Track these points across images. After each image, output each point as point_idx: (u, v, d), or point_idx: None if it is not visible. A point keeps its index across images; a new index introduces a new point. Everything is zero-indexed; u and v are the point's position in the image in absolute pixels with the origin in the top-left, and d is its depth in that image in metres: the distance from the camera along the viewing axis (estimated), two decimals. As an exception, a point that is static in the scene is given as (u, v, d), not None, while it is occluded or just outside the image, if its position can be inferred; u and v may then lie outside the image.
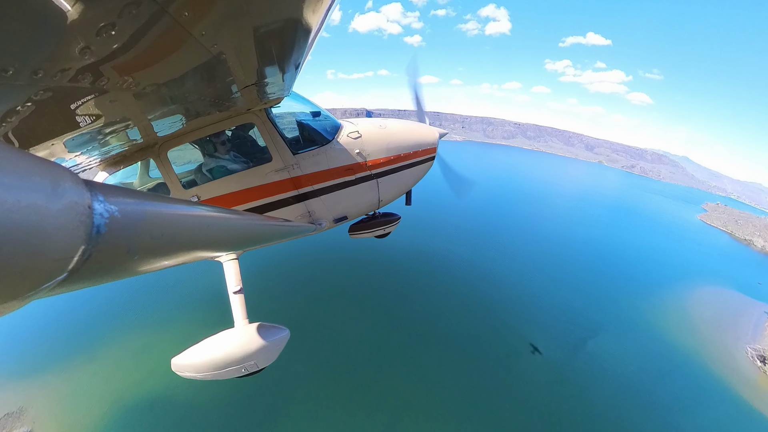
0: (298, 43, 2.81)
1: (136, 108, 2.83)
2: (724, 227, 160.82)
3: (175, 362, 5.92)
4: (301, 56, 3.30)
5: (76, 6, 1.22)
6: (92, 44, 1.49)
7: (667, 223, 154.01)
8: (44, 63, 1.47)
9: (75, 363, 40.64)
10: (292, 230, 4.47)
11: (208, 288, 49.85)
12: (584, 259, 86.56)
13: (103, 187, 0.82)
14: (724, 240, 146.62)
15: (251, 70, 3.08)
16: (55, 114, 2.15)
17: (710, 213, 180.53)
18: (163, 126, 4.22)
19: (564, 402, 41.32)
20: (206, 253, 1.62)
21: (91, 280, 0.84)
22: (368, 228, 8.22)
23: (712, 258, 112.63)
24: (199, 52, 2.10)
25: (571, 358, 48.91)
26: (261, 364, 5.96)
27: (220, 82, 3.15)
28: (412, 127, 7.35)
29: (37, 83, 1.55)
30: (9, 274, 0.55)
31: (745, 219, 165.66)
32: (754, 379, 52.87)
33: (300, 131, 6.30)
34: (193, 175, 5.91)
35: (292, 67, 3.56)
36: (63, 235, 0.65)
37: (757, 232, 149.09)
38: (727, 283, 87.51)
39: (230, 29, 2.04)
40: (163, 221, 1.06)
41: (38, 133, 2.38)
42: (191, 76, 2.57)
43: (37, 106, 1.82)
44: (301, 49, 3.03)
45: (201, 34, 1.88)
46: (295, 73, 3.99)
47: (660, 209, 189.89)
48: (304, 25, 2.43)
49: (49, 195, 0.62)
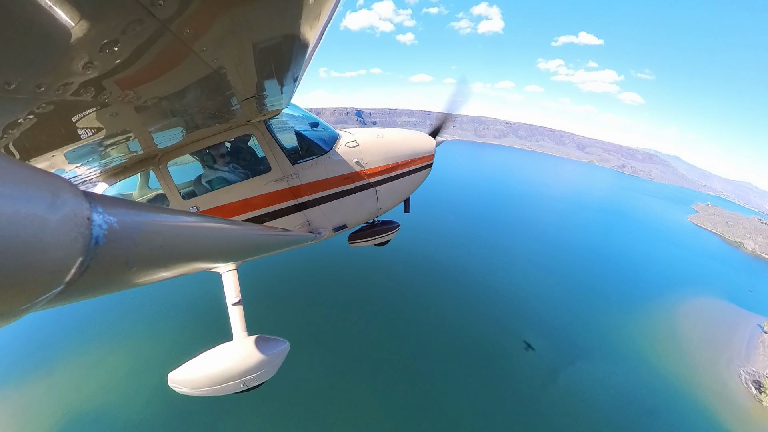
0: (296, 57, 2.86)
1: (137, 121, 2.85)
2: (714, 229, 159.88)
3: (171, 377, 5.79)
4: (299, 70, 3.35)
5: (80, 23, 1.25)
6: (95, 60, 1.52)
7: (656, 225, 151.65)
8: (47, 77, 1.49)
9: (35, 376, 40.89)
10: (291, 240, 4.45)
11: (185, 299, 49.69)
12: (568, 271, 79.07)
13: (102, 198, 0.82)
14: (715, 242, 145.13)
15: (251, 83, 3.12)
16: (57, 126, 2.17)
17: (701, 214, 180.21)
18: (163, 138, 4.25)
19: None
20: (206, 264, 1.61)
21: (89, 293, 0.83)
22: (368, 236, 8.20)
23: (702, 263, 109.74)
24: (199, 66, 2.14)
25: (547, 390, 44.55)
26: (261, 379, 5.84)
27: (220, 95, 3.20)
28: (409, 135, 7.42)
29: (39, 97, 1.57)
30: (5, 286, 0.54)
31: (735, 220, 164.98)
32: (746, 410, 48.96)
33: (298, 142, 6.35)
34: (193, 185, 5.92)
35: (291, 80, 3.61)
36: (61, 247, 0.64)
37: (747, 234, 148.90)
38: (719, 292, 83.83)
39: (230, 45, 2.08)
40: (162, 232, 1.05)
41: (39, 145, 2.40)
42: (192, 89, 2.60)
43: (38, 118, 1.83)
44: (299, 63, 3.08)
45: (202, 50, 1.91)
46: (294, 86, 4.05)
47: (649, 211, 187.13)
48: (302, 41, 2.47)
49: (48, 206, 0.62)
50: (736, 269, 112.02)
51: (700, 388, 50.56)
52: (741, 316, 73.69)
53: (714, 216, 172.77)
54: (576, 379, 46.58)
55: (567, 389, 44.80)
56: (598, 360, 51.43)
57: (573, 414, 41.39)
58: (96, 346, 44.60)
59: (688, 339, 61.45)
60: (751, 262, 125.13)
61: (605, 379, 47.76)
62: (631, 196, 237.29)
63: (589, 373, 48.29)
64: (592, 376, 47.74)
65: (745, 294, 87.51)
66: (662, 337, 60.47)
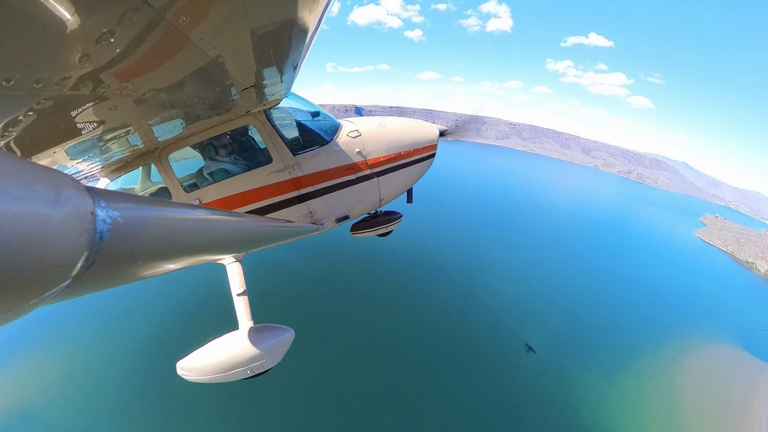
0: (295, 44, 2.81)
1: (136, 114, 2.84)
2: (724, 247, 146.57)
3: (180, 366, 5.94)
4: (299, 57, 3.30)
5: (75, 15, 1.23)
6: (92, 52, 1.50)
7: (660, 244, 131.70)
8: (45, 72, 1.48)
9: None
10: (294, 231, 4.48)
11: (188, 291, 49.76)
12: (555, 312, 61.48)
13: (105, 193, 0.83)
14: (724, 262, 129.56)
15: (250, 72, 3.08)
16: (57, 122, 2.16)
17: (709, 228, 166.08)
18: (163, 131, 4.24)
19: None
20: (209, 256, 1.63)
21: (95, 287, 0.85)
22: (370, 227, 8.22)
23: (710, 292, 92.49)
24: (197, 56, 2.11)
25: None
26: (267, 365, 5.99)
27: (219, 85, 3.16)
28: (412, 124, 7.33)
29: (38, 93, 1.56)
30: (13, 282, 0.55)
31: (746, 237, 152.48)
32: None
33: (300, 132, 6.30)
34: (195, 178, 5.93)
35: (290, 68, 3.56)
36: (66, 242, 0.65)
37: (760, 253, 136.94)
38: (730, 333, 68.36)
39: (228, 32, 2.05)
40: (165, 225, 1.06)
41: (40, 142, 2.40)
42: (190, 80, 2.58)
43: (38, 115, 1.83)
44: (299, 50, 3.03)
45: (199, 38, 1.88)
46: (294, 74, 3.99)
47: (653, 224, 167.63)
48: (301, 26, 2.43)
49: (51, 202, 0.63)
50: (749, 299, 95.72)
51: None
52: (758, 371, 57.42)
53: (723, 231, 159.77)
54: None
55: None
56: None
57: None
58: (95, 342, 44.97)
59: (691, 412, 46.49)
60: (763, 287, 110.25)
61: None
62: (635, 206, 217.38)
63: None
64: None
65: (760, 335, 72.80)
66: (657, 414, 45.05)
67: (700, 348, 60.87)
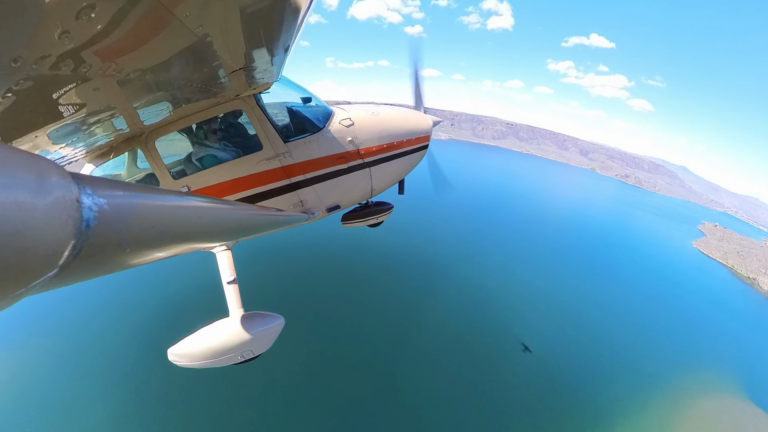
0: (286, 23, 2.73)
1: (120, 95, 2.74)
2: (724, 260, 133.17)
3: (171, 352, 5.96)
4: (290, 38, 3.21)
5: None
6: (72, 28, 1.43)
7: (655, 258, 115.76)
8: (22, 50, 1.41)
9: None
10: (284, 220, 4.46)
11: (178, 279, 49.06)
12: (514, 362, 46.10)
13: (91, 180, 0.81)
14: (724, 278, 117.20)
15: (239, 53, 2.99)
16: (37, 104, 2.08)
17: (708, 238, 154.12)
18: (149, 114, 4.11)
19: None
20: (199, 244, 1.62)
21: (83, 275, 0.83)
22: (361, 217, 8.22)
23: (709, 318, 78.11)
24: (183, 34, 2.03)
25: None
26: (257, 351, 6.07)
27: (206, 67, 3.06)
28: (406, 114, 7.25)
29: (16, 72, 1.49)
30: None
31: (747, 249, 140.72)
32: None
33: (291, 118, 6.19)
34: (183, 165, 5.80)
35: (281, 49, 3.47)
36: (52, 231, 0.63)
37: (762, 268, 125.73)
38: (732, 377, 53.42)
39: (215, 9, 1.97)
40: (153, 213, 1.05)
41: (20, 126, 2.31)
42: (176, 60, 2.49)
43: (17, 96, 1.75)
44: (290, 30, 2.94)
45: (185, 15, 1.81)
46: (285, 57, 3.89)
47: (651, 234, 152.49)
48: (293, 4, 2.36)
49: (35, 190, 0.61)
50: (753, 325, 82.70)
51: None
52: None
53: (723, 242, 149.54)
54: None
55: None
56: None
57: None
58: (92, 338, 43.76)
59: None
60: (766, 306, 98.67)
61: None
62: (632, 213, 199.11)
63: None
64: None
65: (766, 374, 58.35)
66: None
67: (705, 407, 46.42)
